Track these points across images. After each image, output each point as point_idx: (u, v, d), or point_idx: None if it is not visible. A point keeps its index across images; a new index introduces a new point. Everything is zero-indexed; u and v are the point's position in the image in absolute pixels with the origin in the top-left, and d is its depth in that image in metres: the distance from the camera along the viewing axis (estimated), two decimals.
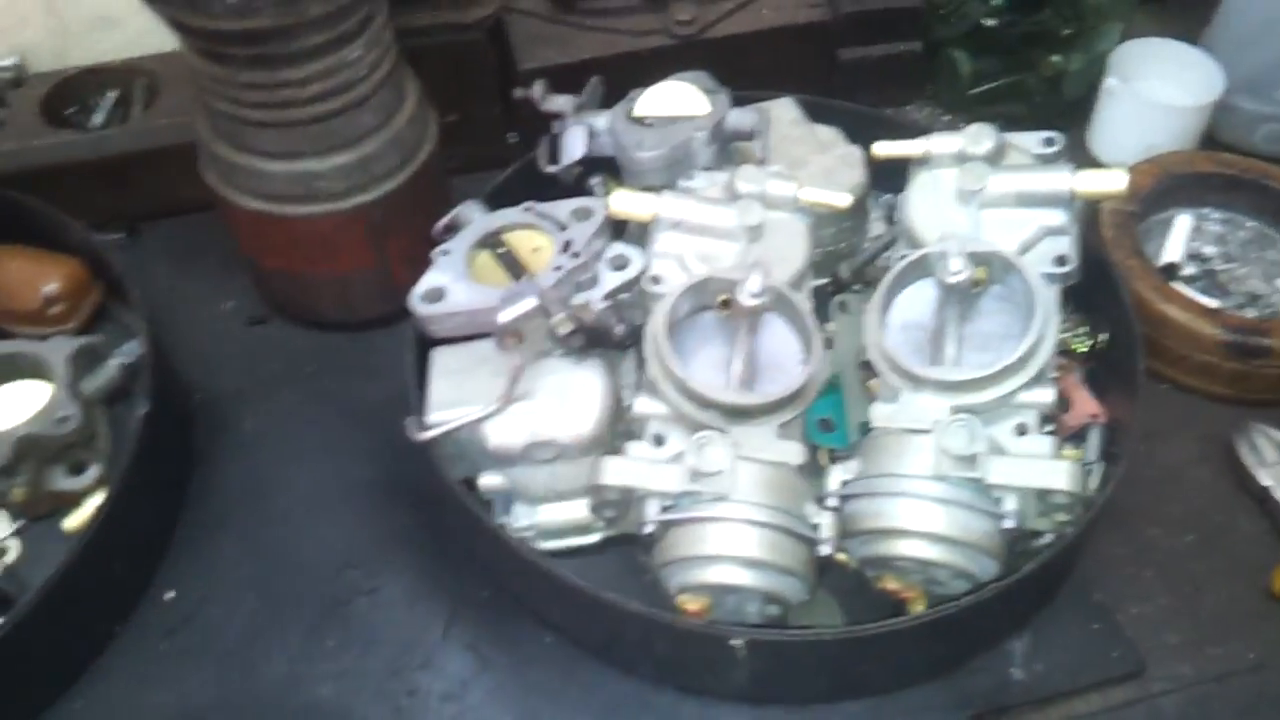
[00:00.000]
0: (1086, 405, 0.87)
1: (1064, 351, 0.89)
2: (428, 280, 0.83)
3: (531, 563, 0.74)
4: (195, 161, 0.92)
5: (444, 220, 0.89)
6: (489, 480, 0.81)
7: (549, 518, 0.81)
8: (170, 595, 0.83)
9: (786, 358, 0.79)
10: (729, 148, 0.93)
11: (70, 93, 1.07)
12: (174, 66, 1.05)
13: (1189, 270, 1.01)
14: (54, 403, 0.84)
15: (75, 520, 0.85)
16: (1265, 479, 0.85)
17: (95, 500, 0.85)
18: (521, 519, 0.81)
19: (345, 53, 0.83)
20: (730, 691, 0.76)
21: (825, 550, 0.70)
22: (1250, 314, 0.96)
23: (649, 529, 0.71)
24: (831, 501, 0.73)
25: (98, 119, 1.07)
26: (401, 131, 0.90)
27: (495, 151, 1.13)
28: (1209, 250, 1.02)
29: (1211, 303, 0.96)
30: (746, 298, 0.74)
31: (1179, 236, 1.02)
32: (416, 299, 0.82)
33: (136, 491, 0.80)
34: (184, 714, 0.78)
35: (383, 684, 0.78)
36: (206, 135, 0.89)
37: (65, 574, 0.74)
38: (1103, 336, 0.89)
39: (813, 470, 0.77)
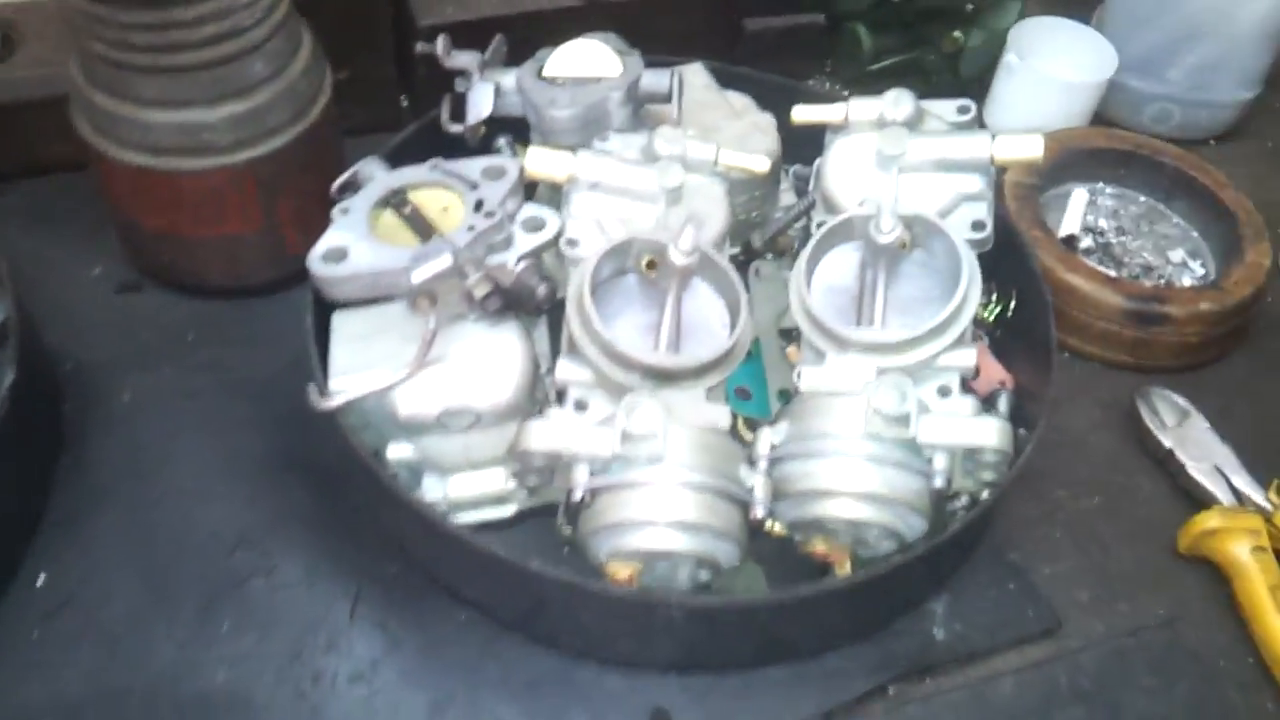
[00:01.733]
0: (994, 371, 0.89)
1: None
2: (328, 240, 0.80)
3: (453, 535, 0.72)
4: (57, 118, 0.86)
5: (343, 177, 0.86)
6: (397, 451, 0.78)
7: (462, 490, 0.79)
8: (42, 580, 0.77)
9: (710, 321, 0.79)
10: (641, 111, 0.92)
11: None
12: (34, 16, 0.98)
13: (1085, 243, 1.05)
14: None
15: None
16: (1166, 441, 0.89)
17: None
18: (432, 491, 0.78)
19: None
20: (656, 660, 0.75)
21: (760, 513, 0.70)
22: (1146, 285, 1.01)
23: (579, 495, 0.70)
24: (762, 465, 0.73)
25: None
26: (296, 82, 0.87)
27: (387, 114, 1.10)
28: (1104, 224, 1.07)
29: (1110, 273, 1.00)
30: (679, 256, 0.73)
31: (1076, 210, 1.06)
32: (316, 260, 0.79)
33: (1, 468, 0.74)
34: (60, 708, 0.73)
35: (285, 668, 0.75)
36: (81, 83, 0.83)
37: None
38: (1010, 304, 0.92)
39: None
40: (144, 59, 0.79)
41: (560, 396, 0.76)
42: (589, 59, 0.91)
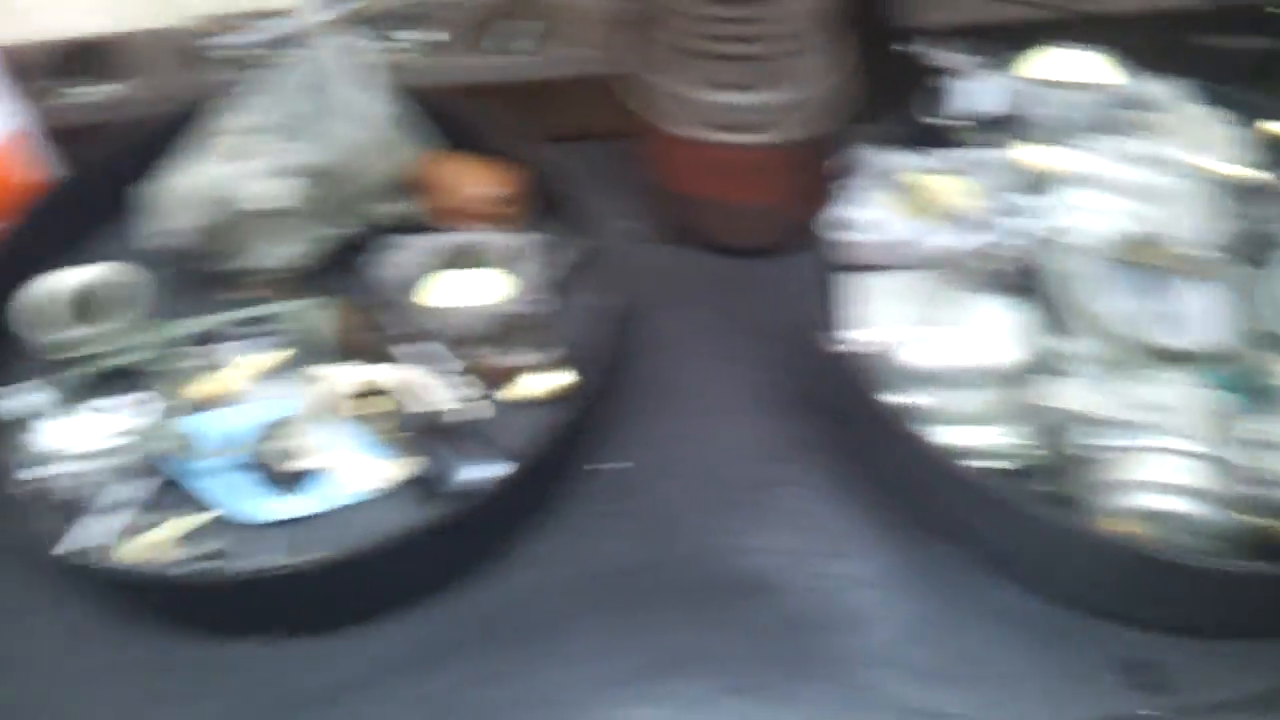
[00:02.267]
0: None
1: None
2: (848, 210, 0.96)
3: (966, 479, 0.85)
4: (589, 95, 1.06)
5: (845, 158, 1.00)
6: (908, 401, 0.92)
7: (966, 442, 0.91)
8: (606, 466, 0.97)
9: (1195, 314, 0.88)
10: (1123, 117, 1.01)
11: (493, 18, 1.22)
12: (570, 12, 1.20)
13: None
14: (530, 286, 0.99)
15: (515, 392, 0.99)
16: None
17: (552, 377, 0.99)
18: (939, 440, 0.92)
19: None
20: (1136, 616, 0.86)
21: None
22: None
23: (1097, 454, 0.81)
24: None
25: (516, 45, 1.22)
26: (837, 76, 1.02)
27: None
28: None
29: None
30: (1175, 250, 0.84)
31: None
32: (838, 226, 0.95)
33: (600, 372, 0.94)
34: (617, 570, 0.92)
35: (800, 563, 0.91)
36: (644, 66, 1.02)
37: (552, 435, 0.89)
38: None
39: None
40: (719, 47, 0.96)
41: (1062, 365, 0.87)
42: (1079, 66, 1.01)
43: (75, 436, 0.94)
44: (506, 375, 1.00)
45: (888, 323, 0.93)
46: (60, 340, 0.99)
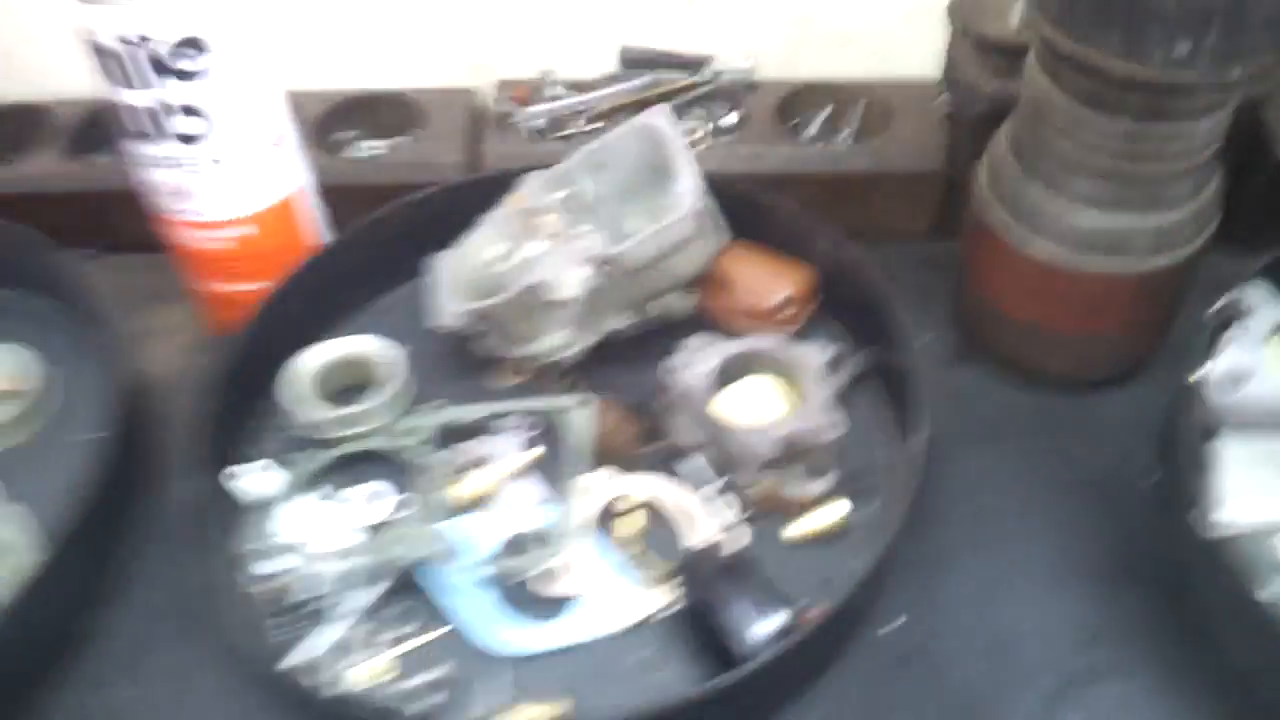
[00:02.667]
0: None
1: None
2: (1229, 360, 0.80)
3: None
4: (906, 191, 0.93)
5: (1222, 301, 0.86)
6: (1274, 593, 0.75)
7: None
8: (901, 621, 0.84)
9: None
10: None
11: (795, 104, 1.12)
12: (908, 94, 1.08)
13: None
14: (814, 407, 0.87)
15: (797, 530, 0.88)
16: None
17: (825, 511, 0.87)
18: None
19: (1218, 116, 0.80)
20: None
21: None
22: None
23: None
24: None
25: (810, 132, 1.12)
26: (1204, 206, 0.87)
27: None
28: None
29: None
30: None
31: None
32: (1217, 381, 0.79)
33: (900, 516, 0.81)
34: None
35: None
36: (1011, 168, 0.89)
37: (852, 588, 0.76)
38: None
39: None
40: (1117, 164, 0.83)
41: None
42: None
43: (312, 529, 0.85)
44: (785, 506, 0.88)
45: (1256, 497, 0.77)
46: (312, 420, 0.93)
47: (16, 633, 0.77)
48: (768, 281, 0.97)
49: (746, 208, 0.98)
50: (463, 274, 0.95)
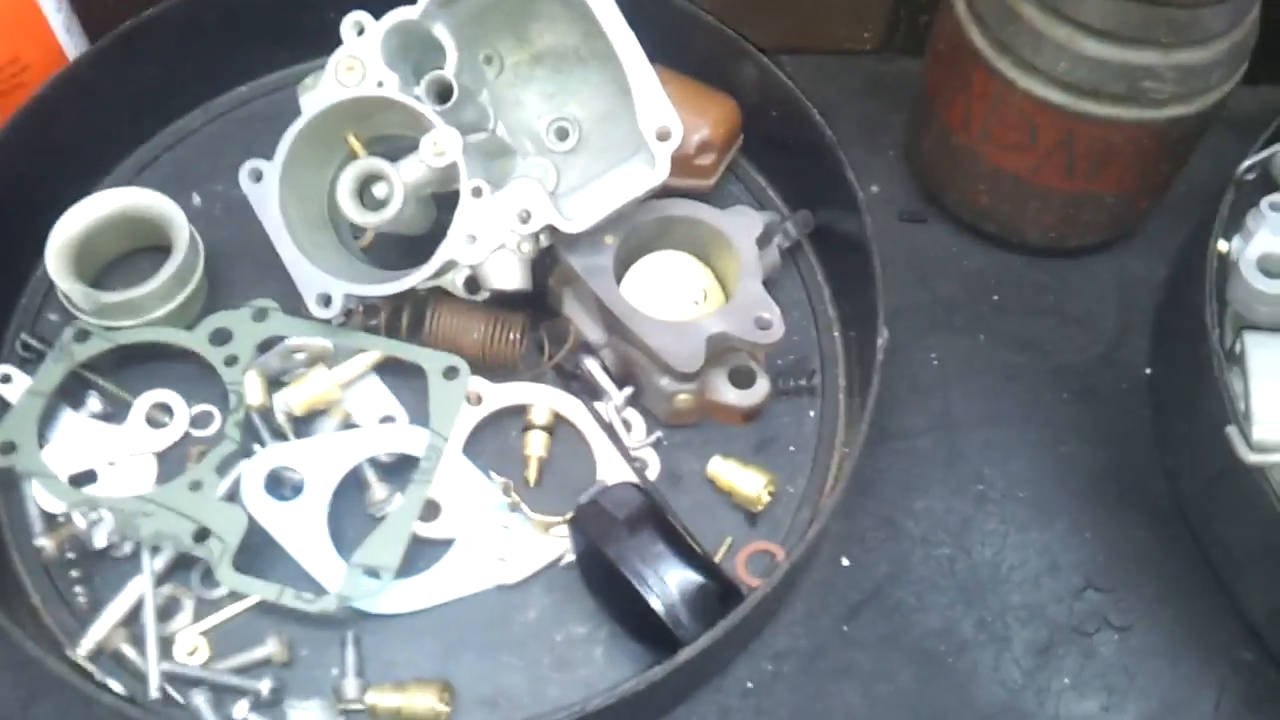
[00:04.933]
0: None
1: None
2: (1264, 244, 0.65)
3: None
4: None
5: (1259, 155, 0.70)
6: None
7: None
8: (845, 564, 0.70)
9: None
10: None
11: None
12: None
13: None
14: (751, 297, 0.68)
15: (718, 474, 0.70)
16: None
17: (748, 478, 0.69)
18: None
19: None
20: None
21: None
22: None
23: None
24: None
25: None
26: (1239, 42, 0.69)
27: None
28: None
29: None
30: None
31: None
32: (1250, 268, 0.64)
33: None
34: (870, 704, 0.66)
35: None
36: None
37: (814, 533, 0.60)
38: None
39: None
40: None
41: None
42: None
43: (91, 458, 0.66)
44: (712, 415, 0.70)
45: None
46: (78, 300, 0.70)
47: None
48: (682, 118, 0.75)
49: (656, 17, 0.74)
50: (309, 210, 0.71)
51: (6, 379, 0.68)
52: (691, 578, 0.60)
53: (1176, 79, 0.67)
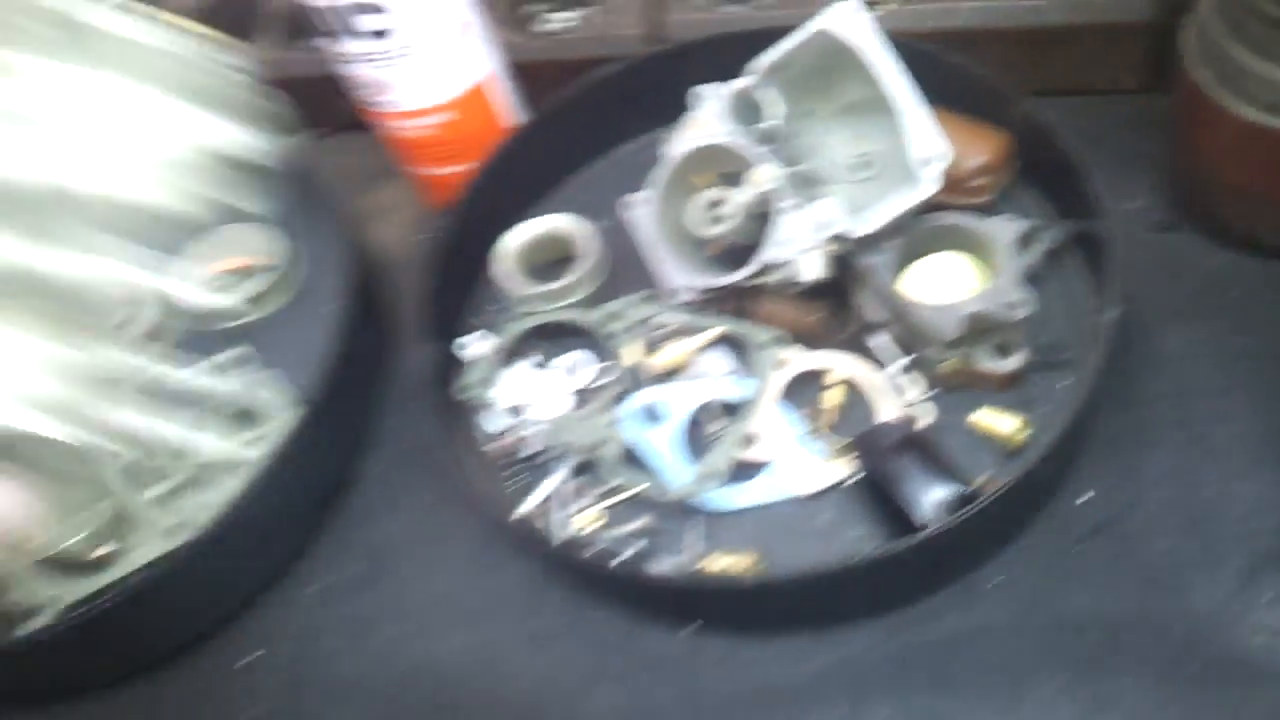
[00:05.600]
0: None
1: None
2: None
3: None
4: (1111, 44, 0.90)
5: None
6: None
7: None
8: (1088, 497, 0.86)
9: None
10: None
11: None
12: None
13: None
14: (1004, 285, 0.88)
15: (980, 420, 0.89)
16: None
17: (1007, 420, 0.88)
18: None
19: None
20: None
21: None
22: None
23: None
24: None
25: None
26: None
27: None
28: None
29: None
30: None
31: None
32: None
33: (1088, 393, 0.82)
34: (1101, 623, 0.81)
35: None
36: (1218, 31, 0.84)
37: (1030, 466, 0.79)
38: None
39: None
40: None
41: None
42: None
43: (529, 393, 0.96)
44: (975, 382, 0.90)
45: None
46: (518, 294, 1.01)
47: (289, 477, 0.91)
48: (958, 149, 0.95)
49: (933, 69, 0.95)
50: (671, 227, 0.98)
51: (463, 347, 1.00)
52: (942, 490, 0.82)
53: None
